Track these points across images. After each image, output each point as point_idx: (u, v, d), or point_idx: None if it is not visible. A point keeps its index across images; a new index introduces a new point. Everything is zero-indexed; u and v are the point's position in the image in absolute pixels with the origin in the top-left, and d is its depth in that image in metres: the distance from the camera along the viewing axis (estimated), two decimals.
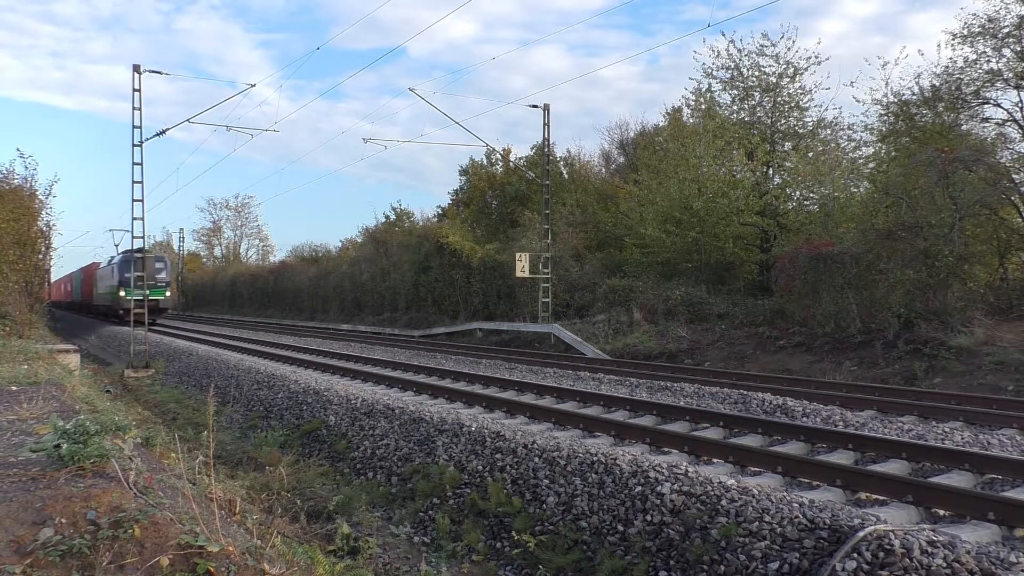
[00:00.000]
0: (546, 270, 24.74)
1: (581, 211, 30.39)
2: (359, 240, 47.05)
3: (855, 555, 4.35)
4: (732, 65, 25.46)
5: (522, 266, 24.48)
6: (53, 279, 59.06)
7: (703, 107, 26.79)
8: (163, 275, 36.73)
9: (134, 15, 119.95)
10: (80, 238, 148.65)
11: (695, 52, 37.93)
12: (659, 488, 5.75)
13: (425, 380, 13.57)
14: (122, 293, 33.02)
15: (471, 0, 21.72)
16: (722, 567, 4.94)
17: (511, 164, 34.23)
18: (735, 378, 13.49)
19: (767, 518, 5.02)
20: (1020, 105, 18.61)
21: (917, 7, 70.80)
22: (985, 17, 18.47)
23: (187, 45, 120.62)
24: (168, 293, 37.36)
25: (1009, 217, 17.79)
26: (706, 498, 5.44)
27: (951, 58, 19.46)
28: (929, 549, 4.22)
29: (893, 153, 21.36)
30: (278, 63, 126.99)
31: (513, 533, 6.24)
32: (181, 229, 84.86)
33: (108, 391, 13.24)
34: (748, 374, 14.72)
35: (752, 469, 6.97)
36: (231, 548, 3.70)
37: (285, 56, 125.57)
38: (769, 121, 25.59)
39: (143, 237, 21.59)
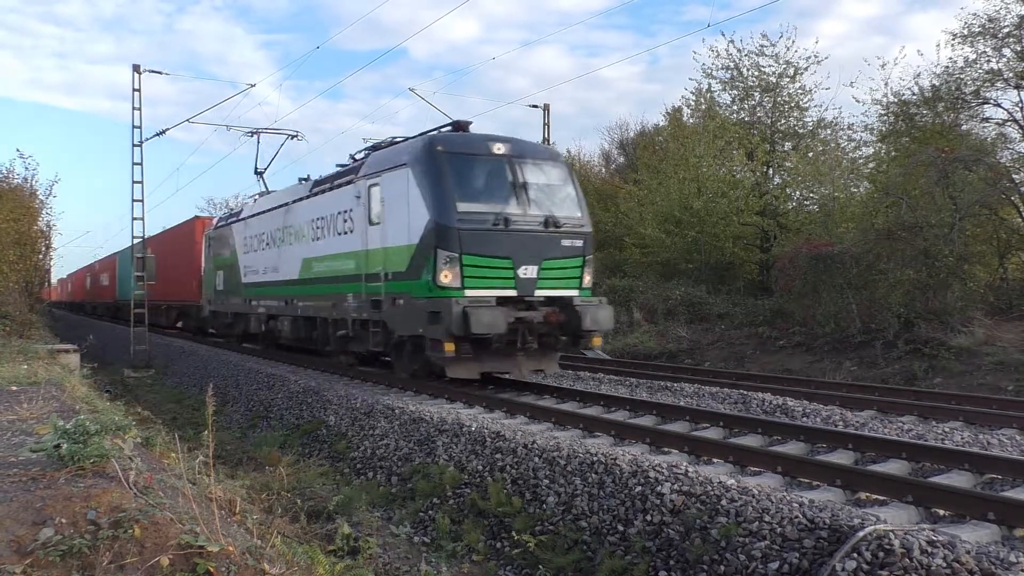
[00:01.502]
0: None
1: None
2: None
3: (855, 555, 4.35)
4: (732, 65, 25.48)
5: None
6: (65, 273, 58.05)
7: (703, 107, 26.81)
8: (577, 219, 10.98)
9: (137, 16, 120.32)
10: (80, 238, 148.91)
11: (695, 52, 37.95)
12: (659, 488, 5.75)
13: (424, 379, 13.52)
14: (445, 277, 9.89)
15: (471, 0, 21.72)
16: (722, 567, 4.94)
17: None
18: (735, 378, 13.47)
19: (767, 518, 5.02)
20: (1020, 105, 18.62)
21: (917, 8, 70.90)
22: (985, 17, 18.49)
23: (189, 45, 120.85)
24: (588, 277, 11.23)
25: (1009, 217, 17.82)
26: (706, 498, 5.44)
27: (951, 58, 19.48)
28: (929, 549, 4.22)
29: (893, 153, 21.37)
30: (279, 63, 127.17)
31: (513, 533, 6.23)
32: None
33: (108, 391, 13.24)
34: (748, 374, 14.71)
35: (752, 469, 6.96)
36: (231, 548, 3.71)
37: (286, 56, 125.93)
38: (769, 121, 25.59)
39: (143, 238, 21.61)
